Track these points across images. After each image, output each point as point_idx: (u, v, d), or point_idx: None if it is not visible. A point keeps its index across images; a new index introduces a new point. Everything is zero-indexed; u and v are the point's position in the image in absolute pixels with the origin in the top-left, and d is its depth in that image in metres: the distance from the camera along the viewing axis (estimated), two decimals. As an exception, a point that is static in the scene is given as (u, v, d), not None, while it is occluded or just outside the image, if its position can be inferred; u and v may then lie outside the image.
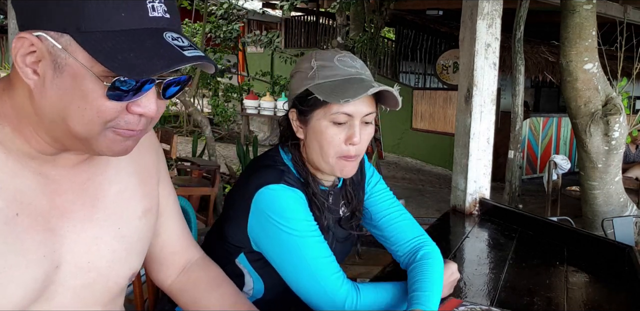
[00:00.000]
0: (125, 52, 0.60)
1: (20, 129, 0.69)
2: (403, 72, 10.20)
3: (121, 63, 0.60)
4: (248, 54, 10.70)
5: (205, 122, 4.97)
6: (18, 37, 0.63)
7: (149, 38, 0.63)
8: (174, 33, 0.65)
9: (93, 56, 0.60)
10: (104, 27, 0.61)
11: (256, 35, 8.59)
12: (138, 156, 0.85)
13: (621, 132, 3.19)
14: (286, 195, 1.06)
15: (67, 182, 0.75)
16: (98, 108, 0.64)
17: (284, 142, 1.18)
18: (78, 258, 0.75)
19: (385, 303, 1.09)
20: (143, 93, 0.65)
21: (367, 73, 1.12)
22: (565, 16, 3.06)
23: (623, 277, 1.43)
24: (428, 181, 7.12)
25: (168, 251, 0.99)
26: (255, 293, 1.16)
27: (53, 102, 0.64)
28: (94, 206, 0.77)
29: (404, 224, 1.26)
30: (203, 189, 3.86)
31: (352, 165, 1.11)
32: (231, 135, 9.56)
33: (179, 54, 0.63)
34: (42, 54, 0.63)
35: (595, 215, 3.43)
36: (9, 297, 0.67)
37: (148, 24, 0.63)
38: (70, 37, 0.61)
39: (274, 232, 1.05)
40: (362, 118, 1.08)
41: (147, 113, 0.67)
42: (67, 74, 0.62)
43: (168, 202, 0.96)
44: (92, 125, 0.65)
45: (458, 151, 2.18)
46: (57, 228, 0.72)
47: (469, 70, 2.08)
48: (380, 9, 7.16)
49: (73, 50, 0.62)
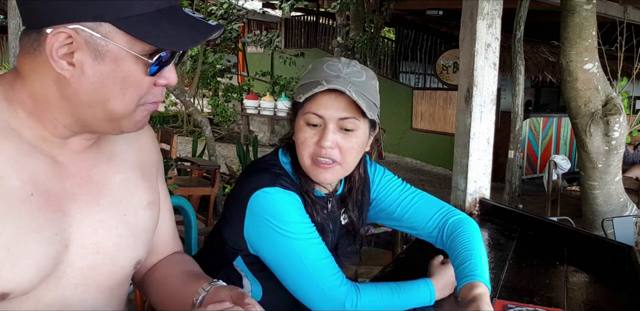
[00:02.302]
0: (164, 29, 0.68)
1: (37, 114, 0.73)
2: (403, 72, 10.20)
3: (167, 39, 0.67)
4: (248, 54, 10.69)
5: (205, 122, 4.96)
6: (54, 33, 0.67)
7: (176, 14, 0.70)
8: (188, 9, 0.73)
9: (139, 38, 0.67)
10: (139, 10, 0.68)
11: (256, 35, 8.58)
12: (140, 151, 0.91)
13: (621, 132, 3.19)
14: (281, 198, 1.06)
15: (74, 166, 0.79)
16: (137, 85, 0.71)
17: (283, 140, 1.19)
18: (85, 239, 0.78)
19: (386, 303, 1.09)
20: (168, 65, 0.73)
21: (354, 79, 1.06)
22: (565, 16, 3.06)
23: (623, 277, 1.43)
24: (428, 181, 7.12)
25: (156, 242, 0.99)
26: (253, 296, 1.16)
27: (95, 87, 0.70)
28: (99, 191, 0.81)
29: (421, 204, 1.26)
30: (203, 189, 3.86)
31: (329, 171, 1.08)
32: (231, 135, 9.56)
33: (206, 24, 0.71)
34: (79, 45, 0.67)
35: (595, 215, 3.43)
36: (23, 271, 0.70)
37: (168, 2, 0.70)
38: (109, 25, 0.67)
39: (270, 235, 1.05)
40: (337, 122, 1.06)
41: (171, 83, 0.75)
42: (109, 60, 0.68)
43: (163, 195, 0.99)
44: (131, 103, 0.72)
45: (458, 151, 2.18)
46: (66, 209, 0.76)
47: (469, 70, 2.08)
48: (380, 9, 7.17)
49: (113, 36, 0.67)
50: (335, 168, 1.09)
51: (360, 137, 1.09)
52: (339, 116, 1.06)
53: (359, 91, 1.04)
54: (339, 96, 1.05)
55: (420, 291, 1.14)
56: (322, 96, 1.05)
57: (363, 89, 1.06)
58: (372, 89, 1.09)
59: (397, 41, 10.19)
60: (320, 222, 1.13)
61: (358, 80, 1.07)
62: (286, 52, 9.46)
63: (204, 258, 1.21)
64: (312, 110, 1.06)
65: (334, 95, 1.05)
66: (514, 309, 1.15)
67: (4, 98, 0.73)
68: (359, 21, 7.83)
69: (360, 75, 1.08)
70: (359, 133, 1.09)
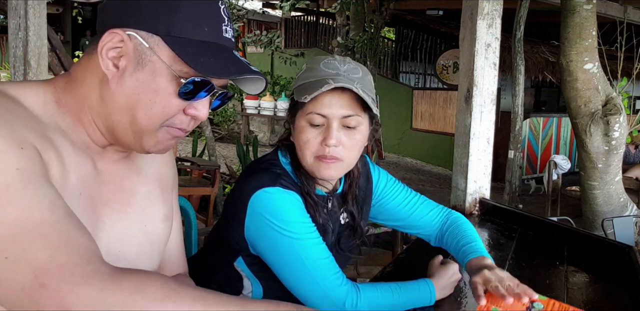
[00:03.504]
0: (205, 57, 0.72)
1: (80, 118, 0.77)
2: (403, 72, 10.20)
3: (203, 65, 0.71)
4: (248, 54, 10.68)
5: (205, 122, 4.96)
6: (110, 32, 0.72)
7: (222, 51, 0.75)
8: (237, 53, 0.78)
9: (181, 57, 0.71)
10: (189, 35, 0.72)
11: (256, 35, 8.57)
12: (161, 166, 0.95)
13: (621, 132, 3.19)
14: (282, 198, 1.06)
15: (110, 175, 0.83)
16: (166, 103, 0.74)
17: (280, 142, 1.18)
18: (111, 245, 0.80)
19: (386, 303, 1.09)
20: (201, 99, 0.76)
21: (353, 75, 1.08)
22: (565, 16, 3.06)
23: (623, 277, 1.43)
24: (428, 181, 7.12)
25: (164, 258, 0.98)
26: (254, 296, 1.16)
27: (128, 92, 0.73)
28: (128, 201, 0.85)
29: (423, 206, 1.35)
30: (203, 189, 3.86)
31: (332, 167, 1.09)
32: (231, 135, 9.56)
33: (247, 66, 0.76)
34: (127, 51, 0.72)
35: (595, 215, 3.43)
36: None
37: (221, 41, 0.76)
38: (159, 38, 0.72)
39: (271, 235, 1.05)
40: (340, 120, 1.06)
41: (199, 116, 0.78)
42: (148, 69, 0.72)
43: (175, 213, 1.00)
44: (155, 119, 0.74)
45: (458, 151, 2.18)
46: (99, 214, 0.79)
47: (469, 70, 2.08)
48: (380, 9, 7.16)
49: (158, 49, 0.72)
50: (339, 164, 1.10)
51: (363, 132, 1.11)
52: (343, 114, 1.06)
53: (362, 88, 1.05)
54: (341, 94, 1.05)
55: (421, 292, 1.13)
56: (325, 95, 1.05)
57: (363, 85, 1.07)
58: (370, 85, 1.11)
59: (397, 41, 10.20)
60: (322, 222, 1.14)
61: (357, 77, 1.08)
62: (286, 52, 9.46)
63: (204, 259, 1.21)
64: (315, 110, 1.06)
65: (337, 94, 1.05)
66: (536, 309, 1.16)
67: (55, 101, 0.77)
68: (359, 21, 7.82)
69: (357, 71, 1.10)
70: (362, 129, 1.10)
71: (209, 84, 0.75)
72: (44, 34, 1.92)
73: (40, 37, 1.90)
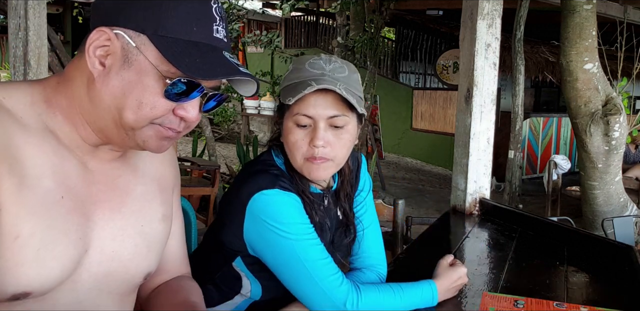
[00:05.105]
0: (192, 57, 0.70)
1: (71, 117, 0.76)
2: (403, 72, 10.20)
3: (188, 65, 0.69)
4: (248, 54, 10.70)
5: (205, 122, 4.97)
6: (97, 30, 0.71)
7: (211, 52, 0.73)
8: (229, 54, 0.75)
9: (166, 57, 0.69)
10: (177, 35, 0.71)
11: (256, 35, 8.56)
12: (161, 165, 0.93)
13: (621, 132, 3.19)
14: (281, 200, 1.06)
15: (102, 174, 0.81)
16: (153, 103, 0.72)
17: (271, 142, 1.18)
18: (104, 245, 0.80)
19: (387, 304, 1.08)
20: (190, 100, 0.74)
21: (338, 75, 1.07)
22: (565, 16, 3.07)
23: (623, 277, 1.43)
24: (428, 181, 7.12)
25: (166, 259, 0.99)
26: (252, 295, 1.16)
27: (114, 91, 0.72)
28: (122, 200, 0.83)
29: (371, 238, 1.27)
30: (203, 189, 3.86)
31: (322, 168, 1.09)
32: (231, 135, 9.56)
33: (236, 68, 0.73)
34: (114, 49, 0.71)
35: (595, 215, 3.44)
36: (48, 272, 0.71)
37: (211, 41, 0.74)
38: (146, 38, 0.71)
39: (271, 237, 1.05)
40: (327, 120, 1.06)
41: (188, 118, 0.76)
42: (134, 69, 0.71)
43: (177, 214, 1.00)
44: (142, 117, 0.73)
45: (458, 151, 2.18)
46: (90, 214, 0.78)
47: (469, 70, 2.08)
48: (380, 9, 7.15)
49: (145, 49, 0.71)
50: (329, 164, 1.10)
51: (350, 131, 1.10)
52: (329, 114, 1.06)
53: (347, 87, 1.05)
54: (326, 94, 1.05)
55: (424, 293, 1.13)
56: (310, 96, 1.05)
57: (349, 84, 1.07)
58: (356, 83, 1.11)
59: (397, 41, 10.19)
60: (319, 220, 1.14)
61: (342, 76, 1.08)
62: (286, 52, 9.45)
63: (202, 259, 1.21)
64: (301, 111, 1.06)
65: (322, 94, 1.05)
66: None
67: (44, 101, 0.76)
68: (359, 21, 7.82)
69: (342, 70, 1.09)
70: (349, 128, 1.10)
71: (199, 86, 0.73)
72: (44, 34, 1.91)
73: (40, 37, 1.90)
